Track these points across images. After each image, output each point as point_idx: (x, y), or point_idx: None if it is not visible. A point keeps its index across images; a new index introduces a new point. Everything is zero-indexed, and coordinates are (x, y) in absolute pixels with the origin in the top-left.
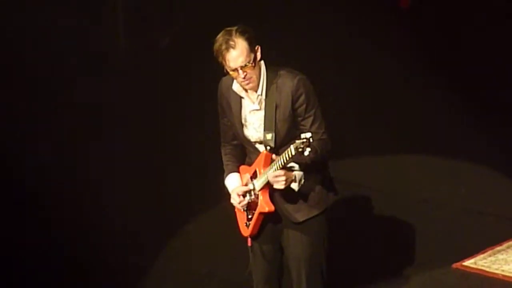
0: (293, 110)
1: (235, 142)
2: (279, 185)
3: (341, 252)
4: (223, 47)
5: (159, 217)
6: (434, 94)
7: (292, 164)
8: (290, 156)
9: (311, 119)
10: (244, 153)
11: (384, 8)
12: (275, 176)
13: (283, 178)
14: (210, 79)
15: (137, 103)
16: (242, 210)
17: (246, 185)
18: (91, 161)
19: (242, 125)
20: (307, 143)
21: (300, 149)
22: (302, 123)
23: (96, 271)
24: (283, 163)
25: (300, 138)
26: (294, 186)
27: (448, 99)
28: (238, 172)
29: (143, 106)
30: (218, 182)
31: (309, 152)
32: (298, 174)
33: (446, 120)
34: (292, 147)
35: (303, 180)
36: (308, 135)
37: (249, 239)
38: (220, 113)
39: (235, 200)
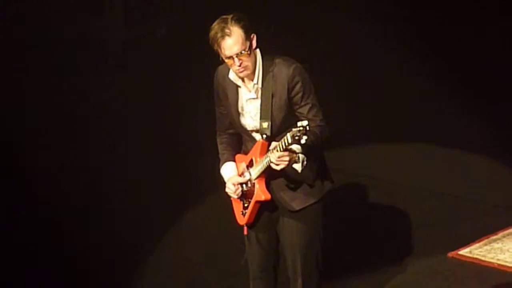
0: (290, 98)
1: (231, 131)
2: (282, 164)
3: (336, 240)
4: (219, 35)
5: (157, 206)
6: (432, 82)
7: (294, 146)
8: (287, 144)
9: (308, 106)
10: (239, 142)
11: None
12: (279, 157)
13: (287, 158)
14: (207, 68)
15: (134, 93)
16: (237, 199)
17: (242, 174)
18: (88, 151)
19: (238, 114)
20: (304, 131)
21: (296, 137)
22: (299, 110)
23: (93, 259)
24: (279, 151)
25: (296, 126)
26: (297, 166)
27: (447, 87)
28: (234, 161)
29: (140, 96)
30: (214, 171)
31: (306, 140)
32: (300, 155)
33: (443, 108)
34: (288, 135)
35: (305, 162)
36: (305, 123)
37: (245, 228)
38: (216, 102)
39: (230, 189)
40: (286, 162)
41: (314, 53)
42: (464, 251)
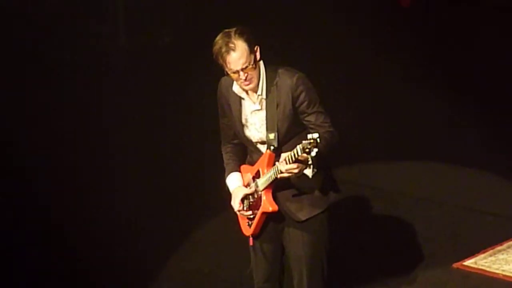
0: (295, 108)
1: (235, 141)
2: (291, 174)
3: (341, 251)
4: (223, 49)
5: (165, 221)
6: (435, 93)
7: (305, 155)
8: (296, 157)
9: (315, 114)
10: (244, 152)
11: (386, 8)
12: (287, 169)
13: (296, 170)
14: (212, 77)
15: (139, 103)
16: (241, 215)
17: (248, 184)
18: (96, 165)
19: (242, 126)
20: (315, 144)
21: (307, 149)
22: (307, 119)
23: (101, 271)
24: (289, 163)
25: (306, 139)
26: (308, 172)
27: (449, 99)
28: (239, 171)
29: (145, 106)
30: (222, 183)
31: (316, 152)
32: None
33: (447, 119)
34: (298, 147)
35: (315, 169)
36: (315, 135)
37: (251, 239)
38: (220, 113)
39: (235, 205)
40: (296, 171)
41: (317, 66)
42: (469, 262)
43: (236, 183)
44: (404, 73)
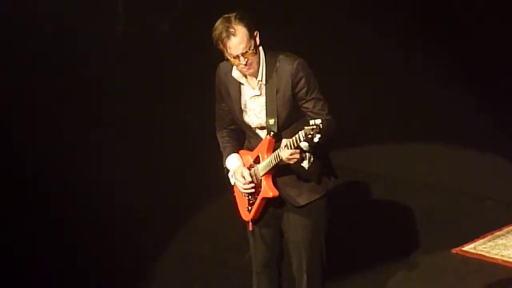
0: (294, 94)
1: (232, 127)
2: (292, 161)
3: (341, 236)
4: (224, 35)
5: (164, 206)
6: (434, 80)
7: (301, 144)
8: (299, 141)
9: (313, 101)
10: (240, 137)
11: None
12: (291, 154)
13: (298, 156)
14: (210, 65)
15: (137, 91)
16: (242, 195)
17: (249, 168)
18: (95, 153)
19: (241, 111)
20: (317, 130)
21: (309, 135)
22: (305, 105)
23: (103, 256)
24: (291, 149)
25: (308, 124)
26: (305, 164)
27: (449, 84)
28: (238, 153)
29: (143, 93)
30: (220, 170)
31: (319, 138)
32: (307, 153)
33: (446, 105)
34: (300, 133)
35: (312, 159)
36: (318, 121)
37: (250, 224)
38: (217, 98)
39: (240, 180)
40: (296, 159)
41: (318, 50)
42: (468, 247)
43: (236, 163)
44: (402, 56)
